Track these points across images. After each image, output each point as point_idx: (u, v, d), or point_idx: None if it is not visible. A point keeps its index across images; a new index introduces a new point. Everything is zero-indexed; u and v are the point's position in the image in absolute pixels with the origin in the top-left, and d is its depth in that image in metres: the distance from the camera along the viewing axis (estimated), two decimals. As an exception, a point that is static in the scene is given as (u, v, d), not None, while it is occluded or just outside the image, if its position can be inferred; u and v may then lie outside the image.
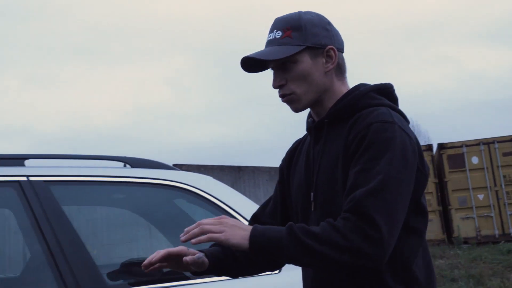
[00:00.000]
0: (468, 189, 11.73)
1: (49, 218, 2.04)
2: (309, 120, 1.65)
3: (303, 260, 1.37)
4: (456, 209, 11.74)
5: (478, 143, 11.95)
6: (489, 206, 11.70)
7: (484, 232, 11.60)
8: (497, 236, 11.66)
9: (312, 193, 1.53)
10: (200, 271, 1.50)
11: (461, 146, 11.96)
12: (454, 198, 11.78)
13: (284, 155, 1.76)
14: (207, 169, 10.77)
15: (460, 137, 16.87)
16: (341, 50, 1.58)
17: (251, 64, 1.57)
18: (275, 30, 1.56)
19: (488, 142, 11.96)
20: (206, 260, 1.48)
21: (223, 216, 1.41)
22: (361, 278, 1.42)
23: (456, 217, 11.69)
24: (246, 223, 1.60)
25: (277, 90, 1.55)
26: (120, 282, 2.28)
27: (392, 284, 1.41)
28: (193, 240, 1.36)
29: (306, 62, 1.52)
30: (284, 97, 1.54)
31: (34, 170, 2.21)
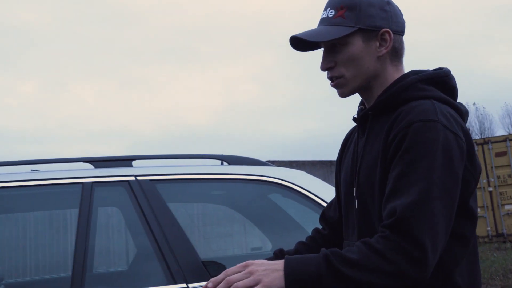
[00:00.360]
0: None
1: (156, 215, 2.16)
2: (359, 108, 1.55)
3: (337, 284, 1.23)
4: None
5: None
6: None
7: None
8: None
9: (354, 189, 1.44)
10: None
11: None
12: None
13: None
14: (298, 165, 10.84)
15: None
16: (399, 32, 1.44)
17: (301, 43, 1.46)
18: (329, 8, 1.45)
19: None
20: None
21: (248, 262, 1.27)
22: None
23: None
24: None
25: (326, 72, 1.45)
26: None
27: None
28: None
29: (357, 45, 1.41)
30: (333, 80, 1.45)
31: (141, 170, 2.35)
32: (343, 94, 1.46)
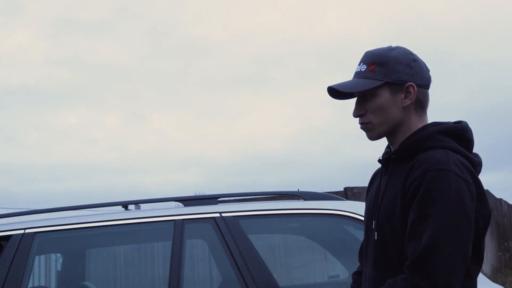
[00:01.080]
0: None
1: (239, 247, 2.43)
2: (385, 150, 1.69)
3: None
4: None
5: None
6: None
7: None
8: None
9: (374, 222, 1.58)
10: None
11: None
12: None
13: None
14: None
15: None
16: (424, 86, 1.58)
17: (338, 92, 1.62)
18: (362, 63, 1.61)
19: None
20: None
21: None
22: None
23: None
24: None
25: (358, 118, 1.61)
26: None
27: None
28: None
29: (384, 96, 1.55)
30: (362, 125, 1.60)
31: (225, 207, 2.64)
32: (371, 138, 1.62)
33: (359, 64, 1.63)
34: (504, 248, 12.54)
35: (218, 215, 2.55)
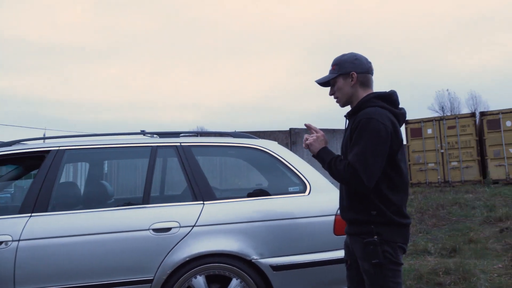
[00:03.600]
0: (501, 144, 15.41)
1: (190, 164, 3.60)
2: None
3: (328, 171, 2.37)
4: (491, 159, 15.50)
5: (511, 110, 15.41)
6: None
7: None
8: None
9: (342, 150, 2.51)
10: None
11: (498, 113, 15.65)
12: (490, 151, 15.56)
13: None
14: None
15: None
16: (364, 72, 2.44)
17: (321, 82, 2.53)
18: (331, 65, 2.51)
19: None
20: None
21: (320, 133, 2.53)
22: (359, 196, 2.32)
23: (491, 165, 15.50)
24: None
25: (332, 96, 2.52)
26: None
27: (375, 201, 2.29)
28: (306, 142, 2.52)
29: (339, 82, 2.47)
30: (335, 99, 2.50)
31: (183, 139, 3.79)
32: (341, 106, 2.54)
33: (331, 66, 2.54)
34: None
35: (179, 144, 3.70)
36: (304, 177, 3.70)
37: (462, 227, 8.56)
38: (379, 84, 3.84)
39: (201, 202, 3.44)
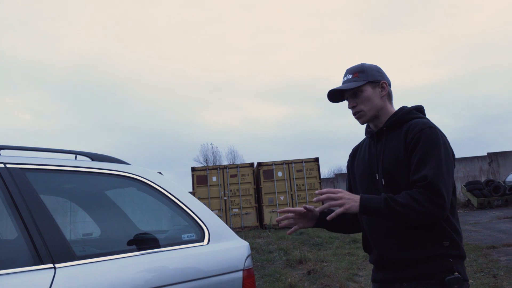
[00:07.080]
0: (274, 192, 17.68)
1: (25, 198, 2.18)
2: (369, 130, 2.30)
3: (392, 218, 1.95)
4: (266, 205, 17.50)
5: (282, 163, 17.90)
6: (287, 204, 17.76)
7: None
8: None
9: (377, 174, 2.14)
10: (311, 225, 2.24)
11: (271, 165, 17.93)
12: (266, 198, 17.61)
13: (347, 157, 2.45)
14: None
15: (271, 159, 25.74)
16: (389, 85, 2.26)
17: (334, 96, 2.23)
18: (347, 74, 2.24)
19: (288, 163, 17.98)
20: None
21: (340, 190, 2.00)
22: (424, 225, 1.98)
23: (266, 211, 17.43)
24: None
25: (351, 110, 2.21)
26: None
27: (448, 229, 1.99)
28: (325, 205, 2.00)
29: (368, 91, 2.20)
30: (356, 114, 2.21)
31: (8, 157, 2.32)
32: (363, 122, 2.22)
33: (345, 75, 2.24)
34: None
35: (2, 165, 2.25)
36: (199, 219, 2.64)
37: (271, 272, 8.48)
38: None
39: (51, 265, 2.08)
